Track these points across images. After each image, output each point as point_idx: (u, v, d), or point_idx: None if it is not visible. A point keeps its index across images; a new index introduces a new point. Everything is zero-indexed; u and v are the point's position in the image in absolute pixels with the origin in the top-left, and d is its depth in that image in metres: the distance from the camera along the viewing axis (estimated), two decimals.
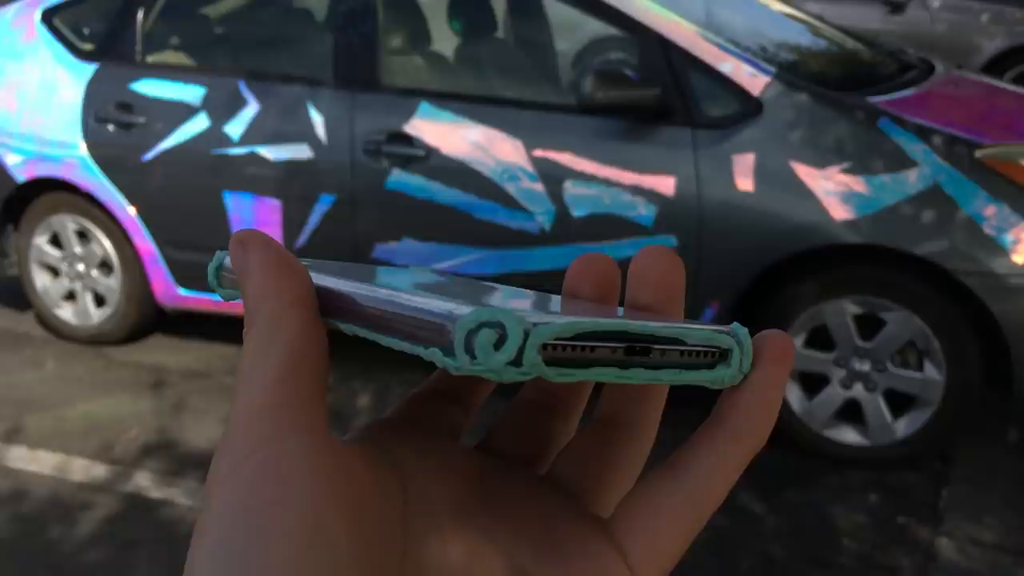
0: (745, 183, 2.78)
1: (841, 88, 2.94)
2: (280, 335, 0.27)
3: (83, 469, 2.96)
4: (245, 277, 0.29)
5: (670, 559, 0.29)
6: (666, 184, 2.84)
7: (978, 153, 2.68)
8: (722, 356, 0.28)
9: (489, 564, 0.28)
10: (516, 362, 0.23)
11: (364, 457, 0.28)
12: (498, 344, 0.23)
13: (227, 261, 0.33)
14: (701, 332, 0.27)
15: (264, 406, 0.26)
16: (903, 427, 2.84)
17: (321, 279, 0.30)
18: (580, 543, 0.29)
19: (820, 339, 2.88)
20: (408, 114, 3.12)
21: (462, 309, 0.24)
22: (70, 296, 3.79)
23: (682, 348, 0.27)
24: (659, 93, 2.84)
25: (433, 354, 0.25)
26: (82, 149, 3.48)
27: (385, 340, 0.27)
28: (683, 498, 0.28)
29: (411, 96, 3.16)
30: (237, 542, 0.24)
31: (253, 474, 0.25)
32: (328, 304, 0.30)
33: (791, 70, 3.01)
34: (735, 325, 0.28)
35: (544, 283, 2.79)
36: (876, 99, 2.88)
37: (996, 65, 6.94)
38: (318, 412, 0.27)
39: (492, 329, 0.23)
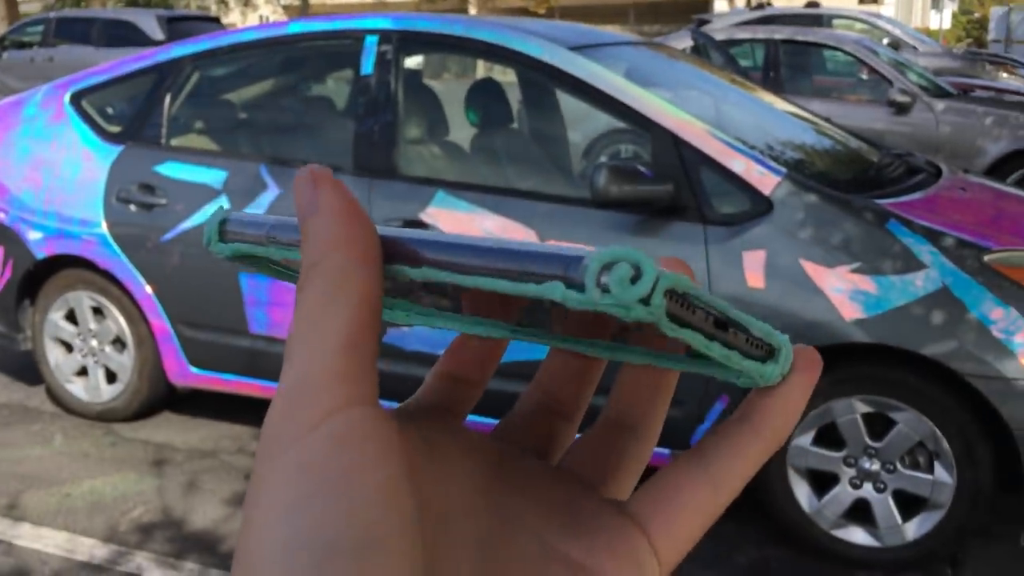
0: (755, 279, 2.82)
1: (849, 189, 3.00)
2: (347, 294, 0.27)
3: (87, 549, 2.94)
4: (310, 218, 0.28)
5: (688, 541, 0.31)
6: None
7: (987, 257, 2.72)
8: (771, 353, 0.28)
9: (519, 540, 0.30)
10: (645, 300, 0.24)
11: (405, 430, 0.29)
12: (634, 280, 0.24)
13: (233, 218, 0.33)
14: (763, 325, 0.28)
15: (333, 372, 0.26)
16: (913, 529, 2.82)
17: (385, 230, 0.29)
18: (604, 522, 0.31)
19: (829, 437, 2.88)
20: (424, 202, 3.18)
21: (585, 248, 0.25)
22: (82, 372, 3.82)
23: (747, 335, 0.27)
24: (672, 190, 2.90)
25: (550, 289, 0.24)
26: (103, 228, 3.55)
27: (473, 281, 0.26)
28: (705, 484, 0.30)
29: (428, 185, 3.23)
30: (315, 505, 0.24)
31: (328, 440, 0.25)
32: (396, 251, 0.29)
33: (800, 170, 3.08)
34: (777, 331, 0.29)
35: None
36: (885, 201, 2.94)
37: (999, 168, 7.06)
38: (376, 382, 0.27)
39: (625, 264, 0.24)
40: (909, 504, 2.84)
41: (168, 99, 3.65)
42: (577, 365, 0.35)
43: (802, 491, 2.91)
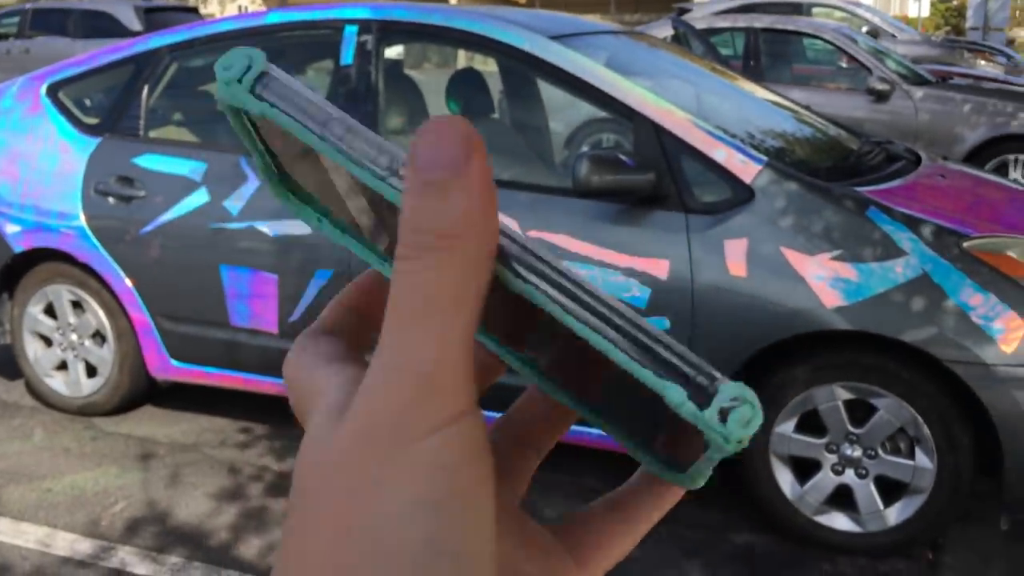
0: (737, 268, 2.82)
1: (830, 177, 3.01)
2: (477, 287, 0.25)
3: (68, 543, 2.92)
4: (449, 185, 0.24)
5: (604, 572, 0.34)
6: (660, 267, 2.88)
7: (966, 244, 2.74)
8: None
9: None
10: (741, 442, 0.26)
11: None
12: (747, 424, 0.26)
13: (276, 75, 0.29)
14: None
15: (461, 370, 0.25)
16: (894, 514, 2.85)
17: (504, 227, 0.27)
18: (550, 549, 0.32)
19: (811, 424, 2.89)
20: None
21: (707, 367, 0.27)
22: (62, 366, 3.78)
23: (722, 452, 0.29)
24: (654, 179, 2.90)
25: (669, 388, 0.26)
26: (81, 220, 3.51)
27: (587, 334, 0.26)
28: (627, 534, 0.34)
29: None
30: (450, 511, 0.24)
31: (463, 445, 0.25)
32: (505, 253, 0.27)
33: (781, 158, 3.09)
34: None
35: None
36: (865, 189, 2.95)
37: (977, 155, 7.11)
38: None
39: (749, 407, 0.26)
40: (890, 490, 2.86)
41: (146, 90, 3.62)
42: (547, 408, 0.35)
43: (785, 478, 2.93)
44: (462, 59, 5.10)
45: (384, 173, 0.27)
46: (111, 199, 3.49)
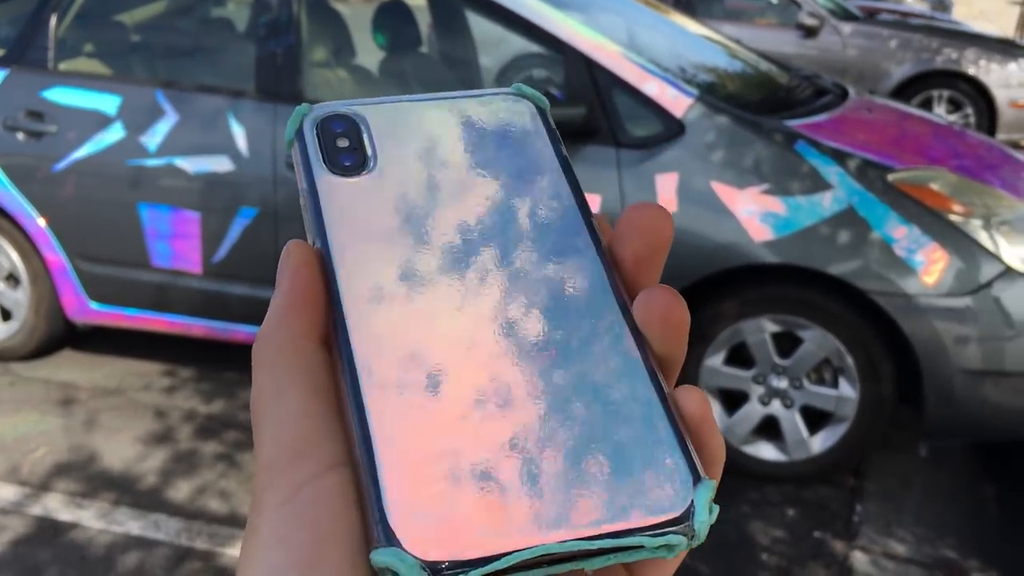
0: (668, 202, 2.82)
1: (759, 111, 3.01)
2: None
3: None
4: None
5: None
6: (591, 202, 2.86)
7: (890, 177, 2.77)
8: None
9: None
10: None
11: None
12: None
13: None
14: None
15: None
16: (819, 442, 2.91)
17: None
18: None
19: (740, 356, 2.93)
20: None
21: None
22: None
23: None
24: (585, 112, 2.86)
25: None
26: None
27: None
28: None
29: None
30: None
31: None
32: None
33: (712, 92, 3.07)
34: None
35: None
36: (793, 123, 2.96)
37: (903, 90, 7.21)
38: None
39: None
40: (815, 419, 2.92)
41: (54, 20, 3.44)
42: None
43: (713, 410, 2.97)
44: None
45: None
46: (20, 135, 3.33)
